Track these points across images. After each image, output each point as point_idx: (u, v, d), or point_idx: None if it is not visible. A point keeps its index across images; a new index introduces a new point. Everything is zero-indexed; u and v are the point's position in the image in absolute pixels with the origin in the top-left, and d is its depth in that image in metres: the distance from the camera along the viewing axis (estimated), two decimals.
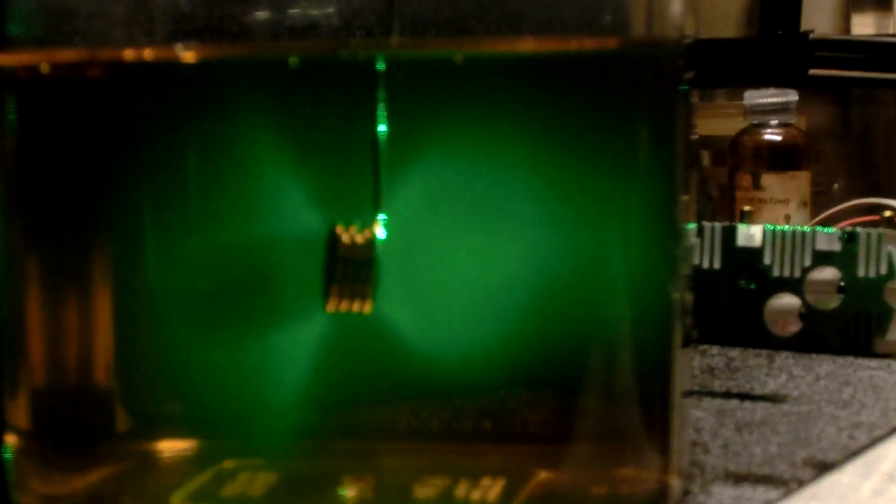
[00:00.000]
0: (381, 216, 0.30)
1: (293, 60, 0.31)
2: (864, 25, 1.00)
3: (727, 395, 0.46)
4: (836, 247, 0.53)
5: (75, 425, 0.33)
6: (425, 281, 0.31)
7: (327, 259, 0.31)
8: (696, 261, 0.55)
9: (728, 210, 0.88)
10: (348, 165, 0.31)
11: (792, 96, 0.87)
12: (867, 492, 0.35)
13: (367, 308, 0.31)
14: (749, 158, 0.87)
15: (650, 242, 0.31)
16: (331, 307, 0.31)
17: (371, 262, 0.31)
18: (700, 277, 0.54)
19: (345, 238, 0.30)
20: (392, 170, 0.31)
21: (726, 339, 0.55)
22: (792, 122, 0.88)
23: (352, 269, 0.30)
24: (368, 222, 0.31)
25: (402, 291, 0.32)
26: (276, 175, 0.31)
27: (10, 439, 0.33)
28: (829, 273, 0.53)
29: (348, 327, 0.31)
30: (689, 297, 0.32)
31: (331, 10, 0.31)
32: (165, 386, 0.33)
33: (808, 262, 0.53)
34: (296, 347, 0.32)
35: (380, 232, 0.30)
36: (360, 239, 0.30)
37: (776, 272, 0.54)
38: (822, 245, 0.53)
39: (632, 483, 0.31)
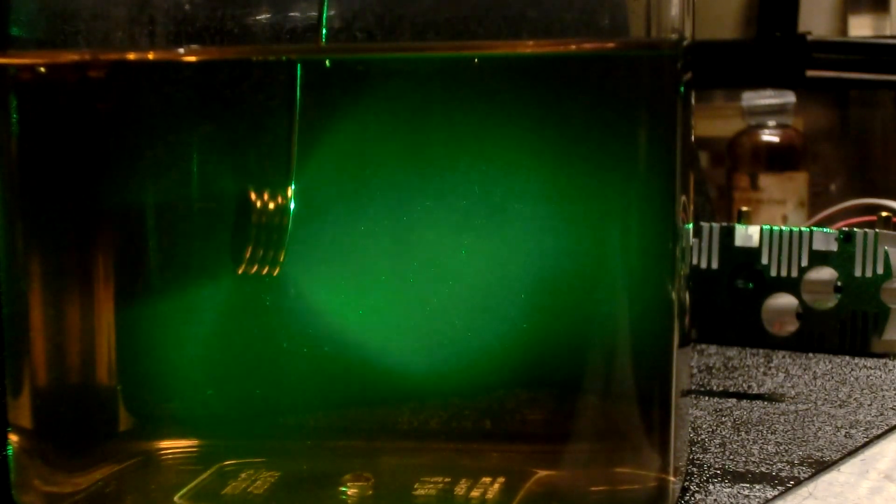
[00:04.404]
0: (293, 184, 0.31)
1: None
2: (861, 27, 1.00)
3: (725, 394, 0.46)
4: (833, 247, 0.53)
5: (77, 424, 0.33)
6: (418, 285, 0.32)
7: (238, 223, 0.31)
8: (694, 261, 0.55)
9: (726, 210, 0.88)
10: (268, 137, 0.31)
11: (789, 98, 0.88)
12: (864, 490, 0.35)
13: (276, 272, 0.31)
14: (747, 159, 0.87)
15: (649, 242, 0.31)
16: (241, 269, 0.31)
17: (284, 228, 0.31)
18: (698, 277, 0.55)
19: (258, 203, 0.31)
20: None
21: (724, 339, 0.55)
22: (789, 123, 0.88)
23: (264, 234, 0.31)
24: (280, 189, 0.31)
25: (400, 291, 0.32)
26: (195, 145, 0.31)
27: (13, 438, 0.33)
28: (826, 273, 0.53)
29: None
30: (687, 297, 0.33)
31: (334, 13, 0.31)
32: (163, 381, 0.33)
33: (805, 263, 0.53)
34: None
35: (291, 198, 0.31)
36: (272, 204, 0.31)
37: (773, 272, 0.54)
38: (819, 245, 0.53)
39: (630, 482, 0.31)
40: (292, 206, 0.31)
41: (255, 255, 0.31)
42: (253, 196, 0.31)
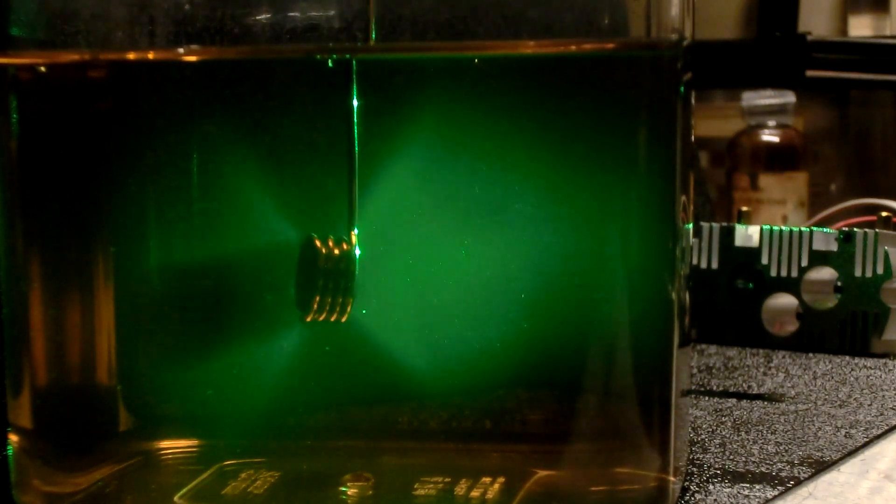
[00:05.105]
0: (356, 229, 0.31)
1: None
2: (861, 27, 1.00)
3: (725, 394, 0.46)
4: (833, 247, 0.53)
5: (77, 424, 0.33)
6: (418, 283, 0.32)
7: (303, 270, 0.31)
8: (694, 261, 0.55)
9: (726, 210, 0.88)
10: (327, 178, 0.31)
11: (789, 97, 0.88)
12: (864, 490, 0.35)
13: (345, 318, 0.31)
14: (747, 159, 0.87)
15: (649, 242, 0.31)
16: (310, 317, 0.31)
17: (351, 273, 0.31)
18: (698, 277, 0.55)
19: (324, 250, 0.30)
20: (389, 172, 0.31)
21: (724, 339, 0.55)
22: (789, 123, 0.88)
23: (332, 281, 0.30)
24: (344, 234, 0.31)
25: (397, 294, 0.32)
26: (252, 187, 0.31)
27: (13, 438, 0.33)
28: (826, 273, 0.53)
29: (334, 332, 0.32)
30: (687, 297, 0.33)
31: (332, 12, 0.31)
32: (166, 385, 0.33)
33: (805, 263, 0.53)
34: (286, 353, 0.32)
35: (356, 243, 0.31)
36: (337, 251, 0.30)
37: (774, 272, 0.54)
38: (819, 245, 0.53)
39: (630, 482, 0.31)
40: (357, 251, 0.31)
41: (323, 301, 0.31)
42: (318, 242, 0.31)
